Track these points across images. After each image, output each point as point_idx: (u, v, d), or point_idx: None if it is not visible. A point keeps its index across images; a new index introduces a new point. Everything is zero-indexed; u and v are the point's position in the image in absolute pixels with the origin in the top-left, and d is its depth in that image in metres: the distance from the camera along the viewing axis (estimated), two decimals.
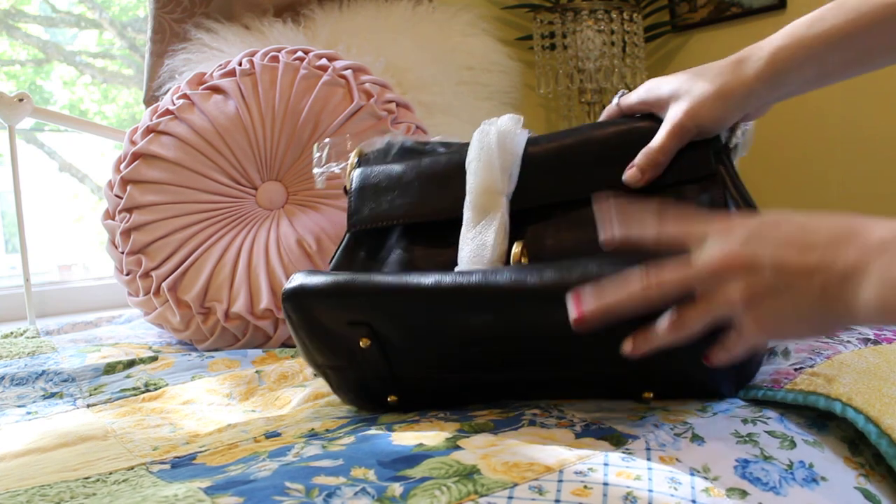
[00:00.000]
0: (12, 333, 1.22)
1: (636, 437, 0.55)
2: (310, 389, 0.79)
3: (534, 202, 0.65)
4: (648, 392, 0.61)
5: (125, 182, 1.12)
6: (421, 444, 0.55)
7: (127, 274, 1.11)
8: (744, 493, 0.50)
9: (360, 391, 0.68)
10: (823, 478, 0.53)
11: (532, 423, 0.59)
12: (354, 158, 0.76)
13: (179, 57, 1.42)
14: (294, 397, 0.79)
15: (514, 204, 0.65)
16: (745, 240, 0.49)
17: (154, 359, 0.97)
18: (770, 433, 0.56)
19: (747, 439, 0.55)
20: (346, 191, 0.75)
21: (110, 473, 0.59)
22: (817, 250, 0.47)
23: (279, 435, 0.65)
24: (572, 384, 0.63)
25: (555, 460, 0.51)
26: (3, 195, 2.02)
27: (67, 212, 2.17)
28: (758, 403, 0.60)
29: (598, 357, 0.59)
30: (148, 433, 0.70)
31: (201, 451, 0.63)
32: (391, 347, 0.63)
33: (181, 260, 1.08)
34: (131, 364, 0.95)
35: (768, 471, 0.52)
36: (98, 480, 0.58)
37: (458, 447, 0.54)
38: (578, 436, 0.56)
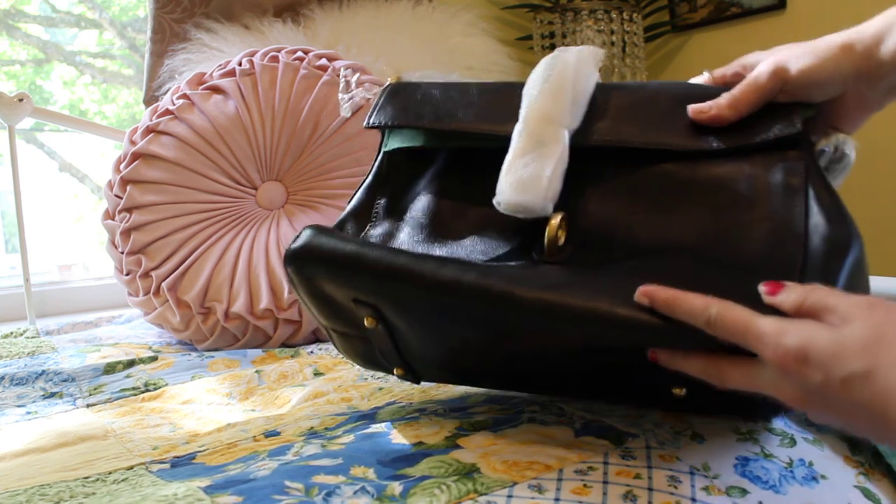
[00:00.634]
0: (12, 333, 1.22)
1: (636, 436, 0.55)
2: (309, 389, 0.79)
3: (592, 141, 0.57)
4: (679, 388, 0.53)
5: (125, 182, 1.12)
6: (420, 443, 0.55)
7: (127, 274, 1.11)
8: (744, 492, 0.50)
9: (366, 358, 0.63)
10: (823, 476, 0.53)
11: (531, 421, 0.59)
12: (391, 82, 0.67)
13: (179, 57, 1.42)
14: (293, 396, 0.79)
15: (572, 142, 0.56)
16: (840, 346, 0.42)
17: (154, 359, 0.97)
18: (770, 431, 0.56)
19: (747, 437, 0.55)
20: (374, 126, 0.65)
21: (110, 473, 0.59)
22: None
23: (278, 434, 0.65)
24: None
25: (554, 459, 0.51)
26: (3, 195, 2.02)
27: (67, 212, 2.17)
28: None
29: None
30: (147, 433, 0.70)
31: (201, 451, 0.63)
32: (399, 334, 0.57)
33: (181, 260, 1.08)
34: (131, 364, 0.95)
35: (768, 469, 0.52)
36: (98, 480, 0.58)
37: (458, 446, 0.54)
38: (578, 434, 0.56)
